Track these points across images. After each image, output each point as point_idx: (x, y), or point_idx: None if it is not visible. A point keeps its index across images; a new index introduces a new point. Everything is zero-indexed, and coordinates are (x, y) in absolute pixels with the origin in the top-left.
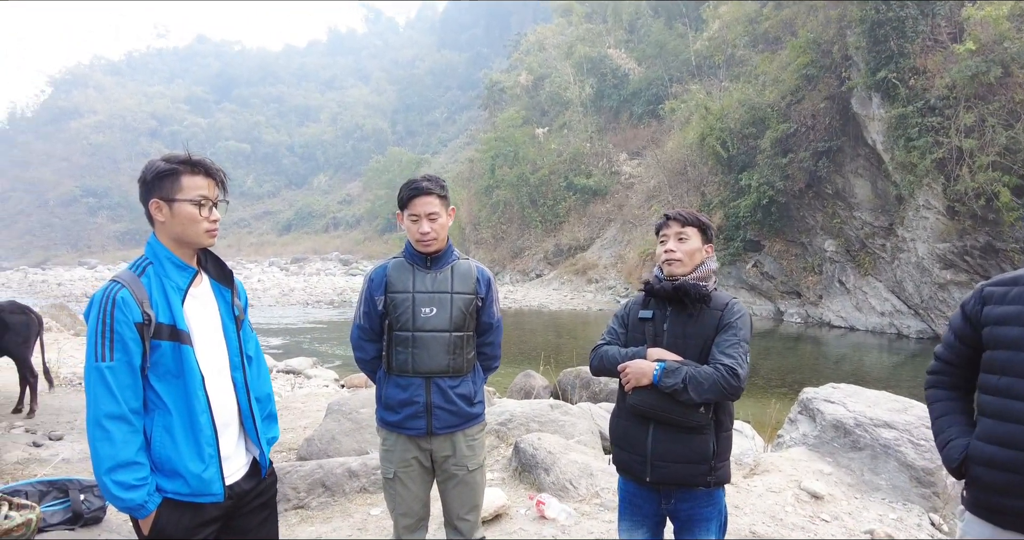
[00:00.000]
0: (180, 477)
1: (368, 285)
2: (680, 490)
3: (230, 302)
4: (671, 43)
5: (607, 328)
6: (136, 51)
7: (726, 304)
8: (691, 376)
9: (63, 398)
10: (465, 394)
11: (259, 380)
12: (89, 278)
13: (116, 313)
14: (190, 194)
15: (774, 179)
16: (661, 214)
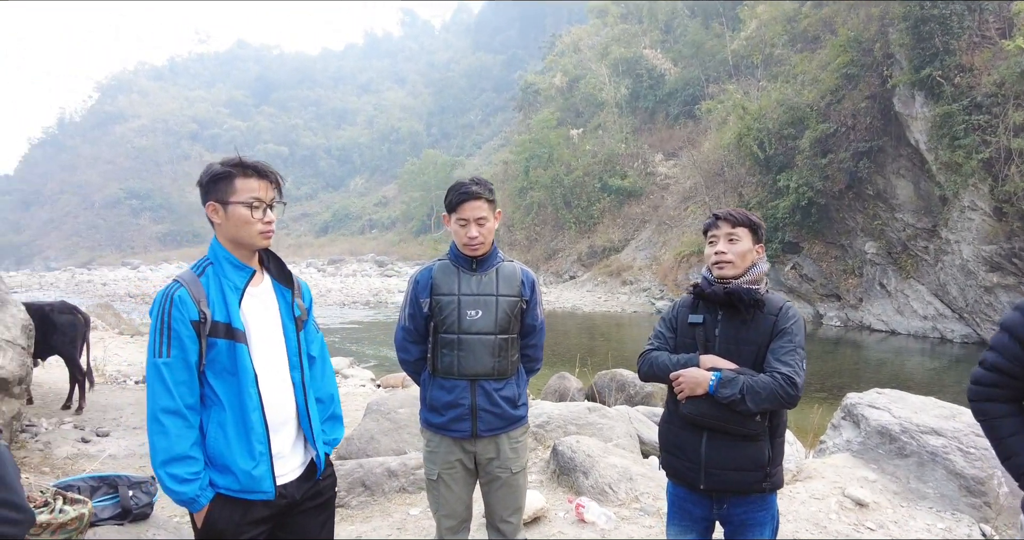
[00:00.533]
0: (231, 473)
1: (413, 287)
2: (733, 495)
3: (291, 302)
4: (708, 43)
5: (654, 332)
6: (178, 56)
7: (780, 308)
8: (748, 386)
9: (109, 396)
10: (510, 397)
11: (322, 381)
12: (132, 278)
13: (173, 311)
14: (243, 196)
15: (813, 180)
16: (710, 214)
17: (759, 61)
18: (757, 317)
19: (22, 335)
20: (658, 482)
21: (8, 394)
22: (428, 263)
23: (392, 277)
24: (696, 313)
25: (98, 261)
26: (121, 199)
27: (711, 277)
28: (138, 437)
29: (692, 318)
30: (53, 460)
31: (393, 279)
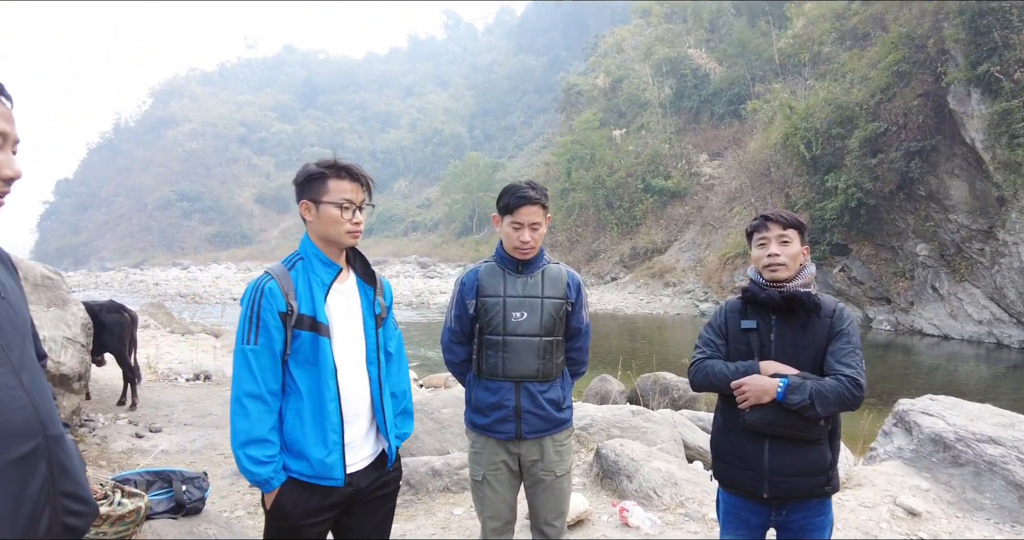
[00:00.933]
0: (305, 459)
1: (460, 289)
2: (793, 501)
3: (372, 300)
4: (754, 42)
5: (702, 339)
6: (228, 62)
7: (834, 310)
8: (816, 390)
9: (161, 393)
10: (554, 399)
11: (397, 376)
12: (182, 278)
13: (263, 302)
14: (334, 197)
15: (863, 180)
16: (756, 215)
17: (806, 59)
18: (813, 320)
19: (82, 333)
20: (703, 487)
21: (68, 390)
22: (474, 265)
23: (434, 278)
24: (748, 318)
25: (150, 261)
26: (172, 201)
27: (762, 281)
28: (188, 433)
29: (745, 324)
30: (109, 454)
31: (435, 280)
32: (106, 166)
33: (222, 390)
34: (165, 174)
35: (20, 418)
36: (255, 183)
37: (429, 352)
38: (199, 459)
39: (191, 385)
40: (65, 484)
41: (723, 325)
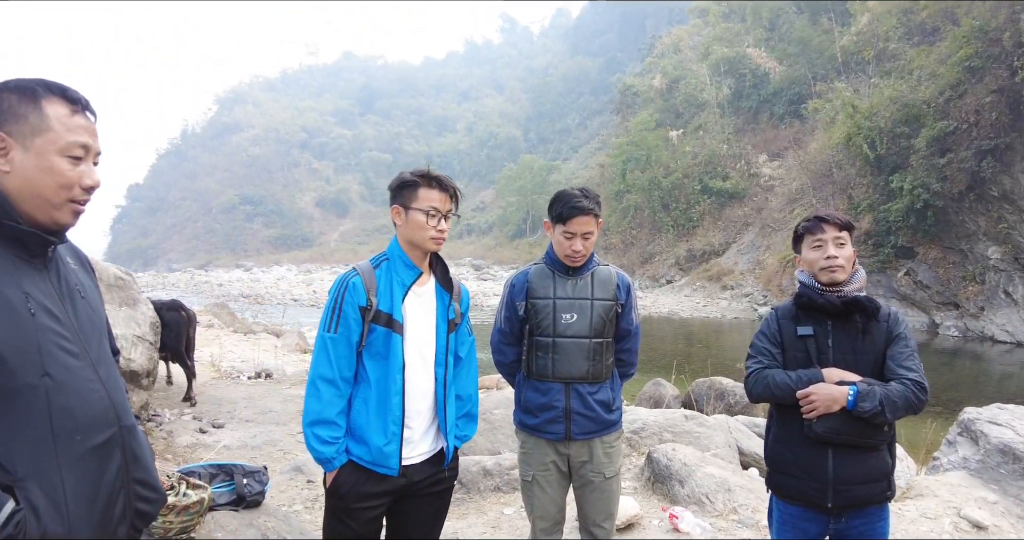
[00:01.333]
0: (365, 445)
1: (509, 291)
2: (853, 508)
3: (448, 305)
4: (815, 40)
5: (756, 348)
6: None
7: (889, 313)
8: (886, 396)
9: (224, 390)
10: (604, 400)
11: (464, 380)
12: (245, 280)
13: (346, 295)
14: (423, 204)
15: (930, 181)
16: (809, 216)
17: (871, 57)
18: (871, 325)
19: (150, 331)
20: (758, 494)
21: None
22: (524, 267)
23: (488, 281)
24: (803, 325)
25: (214, 263)
26: (236, 205)
27: (816, 285)
28: (250, 429)
29: (801, 330)
30: (175, 448)
31: (489, 283)
32: (174, 171)
33: (282, 388)
34: (229, 178)
35: (98, 409)
36: (315, 187)
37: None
38: (259, 454)
39: (253, 383)
40: (137, 472)
41: (777, 333)
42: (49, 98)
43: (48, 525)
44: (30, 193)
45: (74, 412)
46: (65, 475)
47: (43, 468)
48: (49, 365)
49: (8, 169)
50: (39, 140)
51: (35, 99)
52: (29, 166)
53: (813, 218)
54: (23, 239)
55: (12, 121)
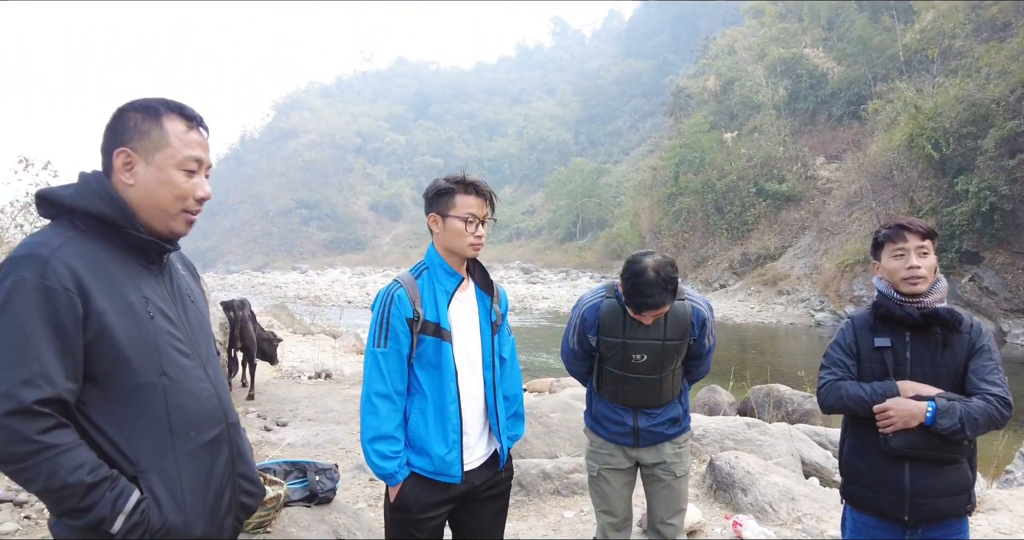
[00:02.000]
0: (427, 456)
1: (581, 323)
2: (930, 520)
3: (489, 308)
4: (876, 38)
5: (829, 359)
6: (344, 75)
7: (971, 325)
8: (966, 413)
9: (286, 389)
10: (672, 417)
11: (510, 380)
12: (301, 282)
13: (392, 308)
14: (461, 211)
15: (998, 183)
16: (890, 222)
17: (935, 55)
18: (952, 337)
19: (220, 331)
20: (822, 504)
21: None
22: (595, 296)
23: (537, 284)
24: (880, 335)
25: (271, 265)
26: (292, 209)
27: (895, 295)
28: (312, 428)
29: (878, 341)
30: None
31: (538, 286)
32: (232, 175)
33: (342, 388)
34: (286, 183)
35: (208, 406)
36: (369, 191)
37: (531, 357)
38: (322, 453)
39: (313, 383)
40: (241, 467)
41: (853, 343)
42: (169, 116)
43: (168, 515)
44: (150, 204)
45: (188, 409)
46: (181, 468)
47: (162, 461)
48: (166, 365)
49: (132, 182)
50: (159, 155)
51: (157, 117)
52: (150, 179)
53: (895, 225)
54: (143, 247)
55: (137, 138)
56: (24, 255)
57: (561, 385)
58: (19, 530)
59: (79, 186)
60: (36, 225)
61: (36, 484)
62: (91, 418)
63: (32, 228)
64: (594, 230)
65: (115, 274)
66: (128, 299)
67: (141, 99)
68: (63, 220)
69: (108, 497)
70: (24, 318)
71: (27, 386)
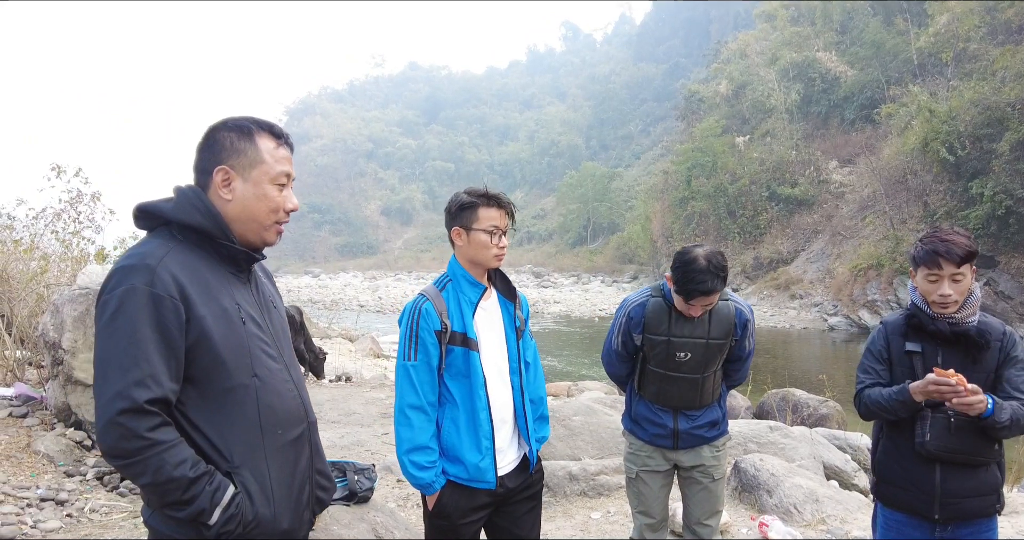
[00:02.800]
0: (461, 463)
1: (626, 322)
2: (960, 519)
3: (513, 314)
4: (889, 42)
5: (862, 366)
6: (356, 80)
7: (1003, 333)
8: (1015, 414)
9: (309, 392)
10: (711, 420)
11: (535, 384)
12: (313, 285)
13: (421, 322)
14: (484, 224)
15: (1013, 187)
16: (929, 238)
17: (949, 58)
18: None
19: None
20: (845, 505)
21: None
22: (641, 295)
23: (548, 288)
24: (912, 341)
25: (284, 269)
26: (304, 213)
27: (928, 311)
28: (336, 430)
29: (909, 346)
30: None
31: (549, 290)
32: None
33: (363, 391)
34: (298, 187)
35: (293, 406)
36: (381, 196)
37: (546, 361)
38: (348, 454)
39: (334, 386)
40: (319, 463)
41: (884, 349)
42: (260, 134)
43: (259, 508)
44: (247, 217)
45: (276, 409)
46: (270, 464)
47: (253, 458)
48: (257, 367)
49: (230, 198)
50: (255, 172)
51: (250, 136)
52: (248, 195)
53: (931, 250)
54: (234, 257)
55: (234, 156)
56: (134, 265)
57: (579, 389)
58: (62, 528)
59: (178, 200)
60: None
61: (144, 477)
62: (189, 416)
63: (65, 234)
64: (605, 234)
65: (211, 282)
66: (223, 305)
67: (233, 119)
68: (162, 231)
69: (207, 491)
70: (136, 323)
71: (139, 386)
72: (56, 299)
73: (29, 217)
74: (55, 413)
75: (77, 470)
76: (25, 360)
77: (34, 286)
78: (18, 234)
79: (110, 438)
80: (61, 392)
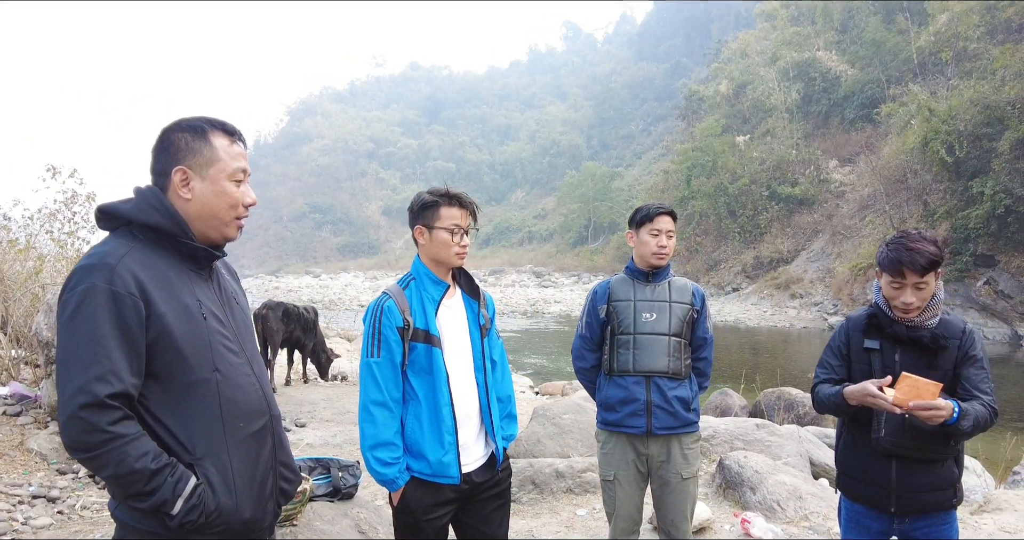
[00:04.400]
0: (425, 460)
1: (592, 297)
2: (918, 512)
3: (477, 312)
4: (889, 41)
5: (821, 360)
6: (358, 80)
7: (962, 331)
8: (977, 418)
9: (304, 391)
10: (683, 397)
11: (502, 383)
12: (314, 285)
13: (383, 319)
14: (446, 223)
15: (1013, 186)
16: (894, 243)
17: (949, 58)
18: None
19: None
20: (829, 502)
21: None
22: (606, 279)
23: (549, 288)
24: (871, 337)
25: (285, 269)
26: (305, 213)
27: (890, 312)
28: (330, 429)
29: (868, 343)
30: None
31: (550, 290)
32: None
33: (358, 390)
34: (299, 188)
35: (254, 400)
36: (382, 196)
37: (543, 360)
38: (340, 453)
39: (330, 385)
40: (282, 455)
41: (843, 345)
42: (214, 132)
43: (221, 498)
44: (207, 214)
45: (237, 402)
46: (232, 456)
47: (215, 450)
48: (218, 362)
49: (190, 197)
50: (212, 170)
51: (204, 135)
52: (207, 193)
53: (895, 260)
54: (195, 254)
55: (190, 156)
56: (94, 264)
57: (573, 388)
58: (53, 525)
59: (137, 201)
60: (64, 232)
61: (107, 470)
62: (151, 410)
63: (61, 235)
64: (606, 234)
65: (172, 279)
66: (184, 302)
67: (185, 119)
68: (123, 231)
69: (169, 482)
70: (96, 321)
71: (99, 382)
72: (51, 299)
73: (25, 217)
74: (49, 412)
75: (70, 468)
76: (20, 359)
77: (29, 286)
78: (14, 234)
79: (72, 432)
80: (55, 391)
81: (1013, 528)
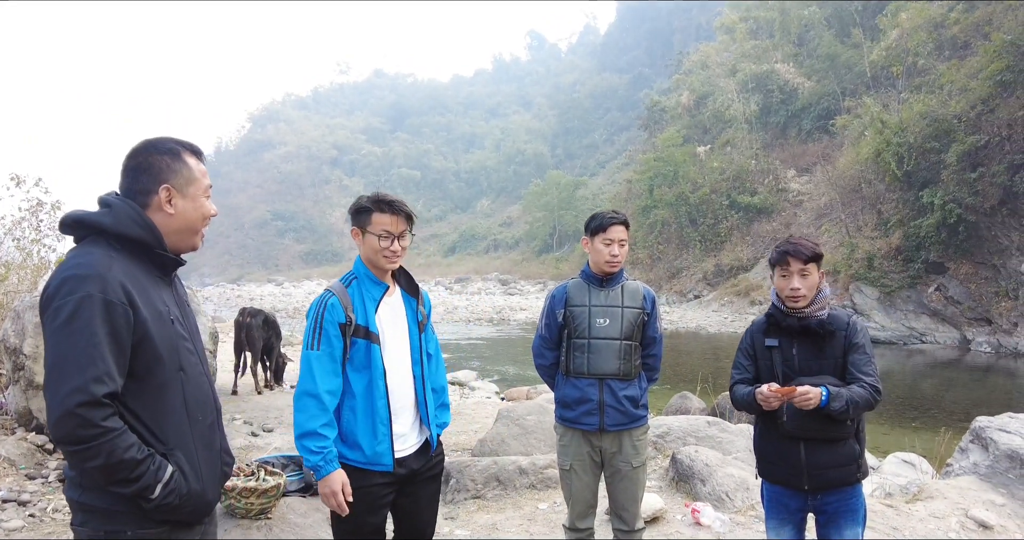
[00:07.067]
0: (359, 449)
1: (551, 301)
2: (828, 488)
3: (415, 310)
4: (844, 55)
5: (734, 362)
6: (321, 87)
7: (847, 323)
8: (851, 398)
9: (271, 398)
10: (632, 396)
11: (436, 375)
12: (277, 294)
13: (326, 314)
14: (376, 228)
15: (962, 195)
16: (781, 245)
17: (900, 72)
18: (828, 337)
19: (210, 340)
20: None
21: None
22: (563, 283)
23: (515, 295)
24: (771, 337)
25: (246, 277)
26: (268, 221)
27: (784, 308)
28: None
29: (768, 342)
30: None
31: (516, 297)
32: None
33: None
34: (261, 195)
35: (208, 396)
36: (345, 203)
37: (509, 367)
38: None
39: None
40: (224, 443)
41: (750, 346)
42: (186, 153)
43: (192, 484)
44: (186, 228)
45: (197, 398)
46: (197, 446)
47: (183, 441)
48: (183, 362)
49: (173, 212)
50: (191, 188)
51: (180, 157)
52: (188, 208)
53: (782, 251)
54: (164, 263)
55: (173, 176)
56: (88, 274)
57: (537, 392)
58: (24, 527)
59: (116, 214)
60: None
61: (97, 460)
62: (129, 406)
63: (26, 242)
64: (571, 242)
65: (147, 286)
66: (157, 308)
67: (155, 142)
68: (98, 241)
69: (151, 470)
70: (92, 327)
71: (96, 382)
72: (17, 306)
73: None
74: (16, 418)
75: (39, 473)
76: None
77: None
78: None
79: (66, 427)
80: (22, 397)
81: (942, 513)
